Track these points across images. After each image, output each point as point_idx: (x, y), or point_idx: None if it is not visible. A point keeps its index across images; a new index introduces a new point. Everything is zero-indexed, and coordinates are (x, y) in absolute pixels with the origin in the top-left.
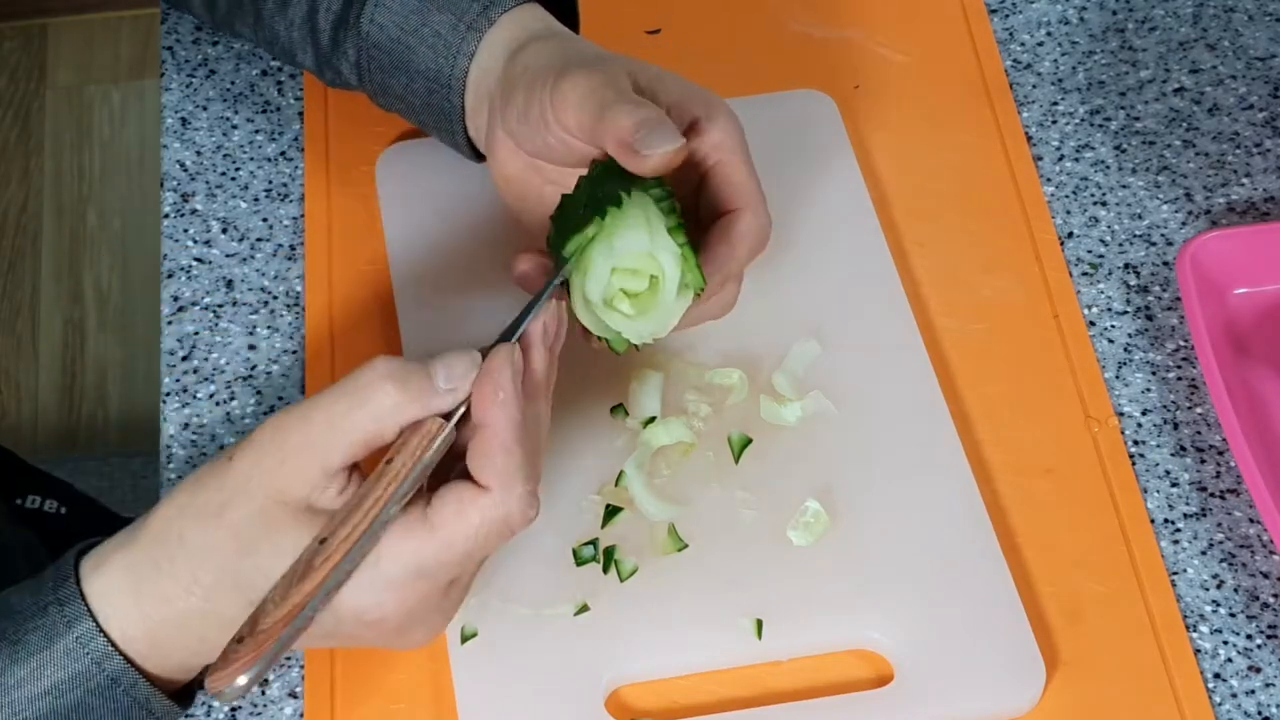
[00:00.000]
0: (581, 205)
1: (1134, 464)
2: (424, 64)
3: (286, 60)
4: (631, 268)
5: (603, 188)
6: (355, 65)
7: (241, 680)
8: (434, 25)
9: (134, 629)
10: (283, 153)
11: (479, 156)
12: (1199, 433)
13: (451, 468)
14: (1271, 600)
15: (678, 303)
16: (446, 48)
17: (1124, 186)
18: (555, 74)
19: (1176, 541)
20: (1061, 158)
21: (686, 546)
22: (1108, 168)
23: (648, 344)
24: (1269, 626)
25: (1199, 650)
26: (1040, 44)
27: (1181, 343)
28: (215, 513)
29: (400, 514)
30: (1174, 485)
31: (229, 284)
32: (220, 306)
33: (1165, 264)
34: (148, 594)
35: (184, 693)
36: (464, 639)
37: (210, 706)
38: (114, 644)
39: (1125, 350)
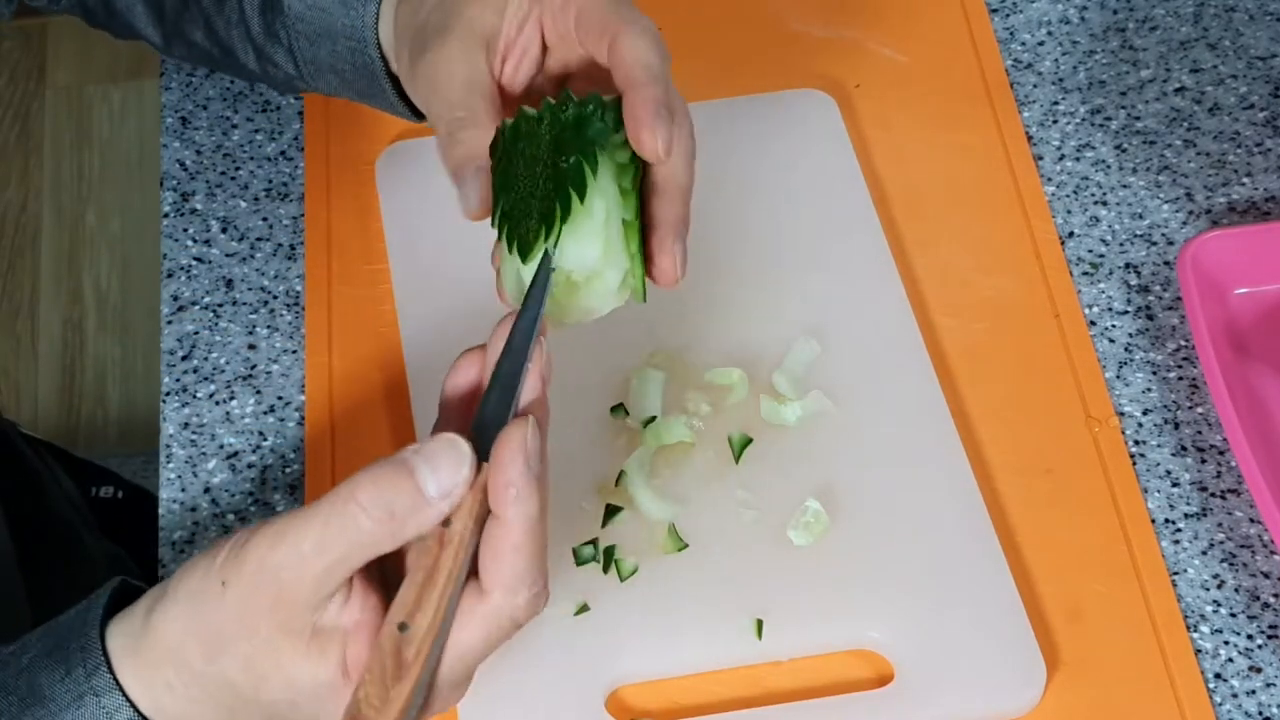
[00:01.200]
0: (539, 164)
1: (1134, 464)
2: (340, 23)
3: (233, 69)
4: (576, 274)
5: (569, 151)
6: (288, 50)
7: None
8: None
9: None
10: (283, 152)
11: (419, 115)
12: (1199, 433)
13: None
14: (1272, 600)
15: (614, 297)
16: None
17: (1124, 186)
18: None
19: (1177, 541)
20: (1062, 157)
21: (687, 546)
22: (1108, 167)
23: (569, 324)
24: (1270, 626)
25: (1199, 650)
26: (1041, 43)
27: (1182, 342)
28: (220, 645)
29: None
30: (1174, 485)
31: (229, 283)
32: (220, 306)
33: (1166, 264)
34: (165, 706)
35: None
36: None
37: None
38: None
39: (1126, 350)
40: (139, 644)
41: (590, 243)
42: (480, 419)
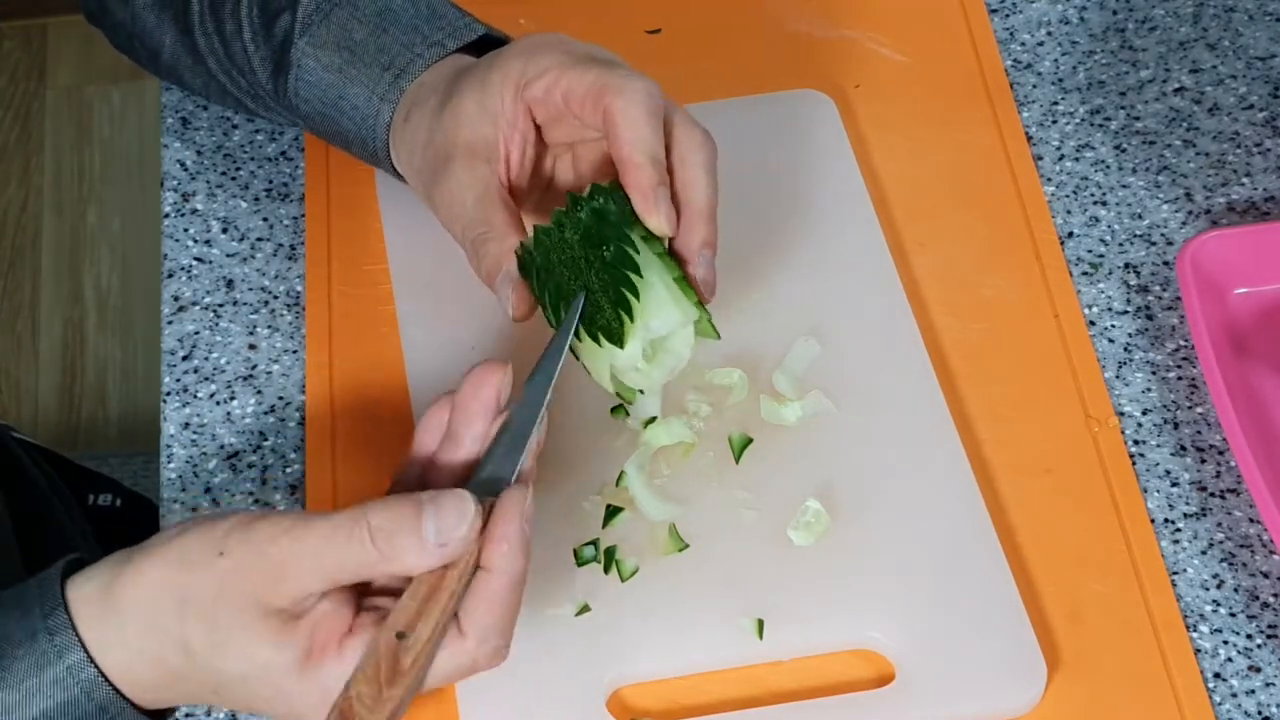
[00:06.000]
0: (579, 263)
1: (1134, 464)
2: (350, 133)
3: (245, 71)
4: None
5: (603, 242)
6: (298, 120)
7: None
8: (350, 98)
9: (116, 668)
10: (283, 152)
11: None
12: (1199, 432)
13: None
14: (1271, 600)
15: (691, 343)
16: (365, 119)
17: (1124, 186)
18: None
19: (1176, 541)
20: (1062, 157)
21: (687, 547)
22: (1108, 167)
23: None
24: (1269, 626)
25: (1199, 650)
26: (1040, 44)
27: (1181, 342)
28: (193, 607)
29: None
30: (1174, 485)
31: (229, 284)
32: (220, 306)
33: (1165, 264)
34: (112, 661)
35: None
36: None
37: (210, 708)
38: (102, 673)
39: (1125, 350)
40: (105, 594)
41: (666, 307)
42: (487, 469)
